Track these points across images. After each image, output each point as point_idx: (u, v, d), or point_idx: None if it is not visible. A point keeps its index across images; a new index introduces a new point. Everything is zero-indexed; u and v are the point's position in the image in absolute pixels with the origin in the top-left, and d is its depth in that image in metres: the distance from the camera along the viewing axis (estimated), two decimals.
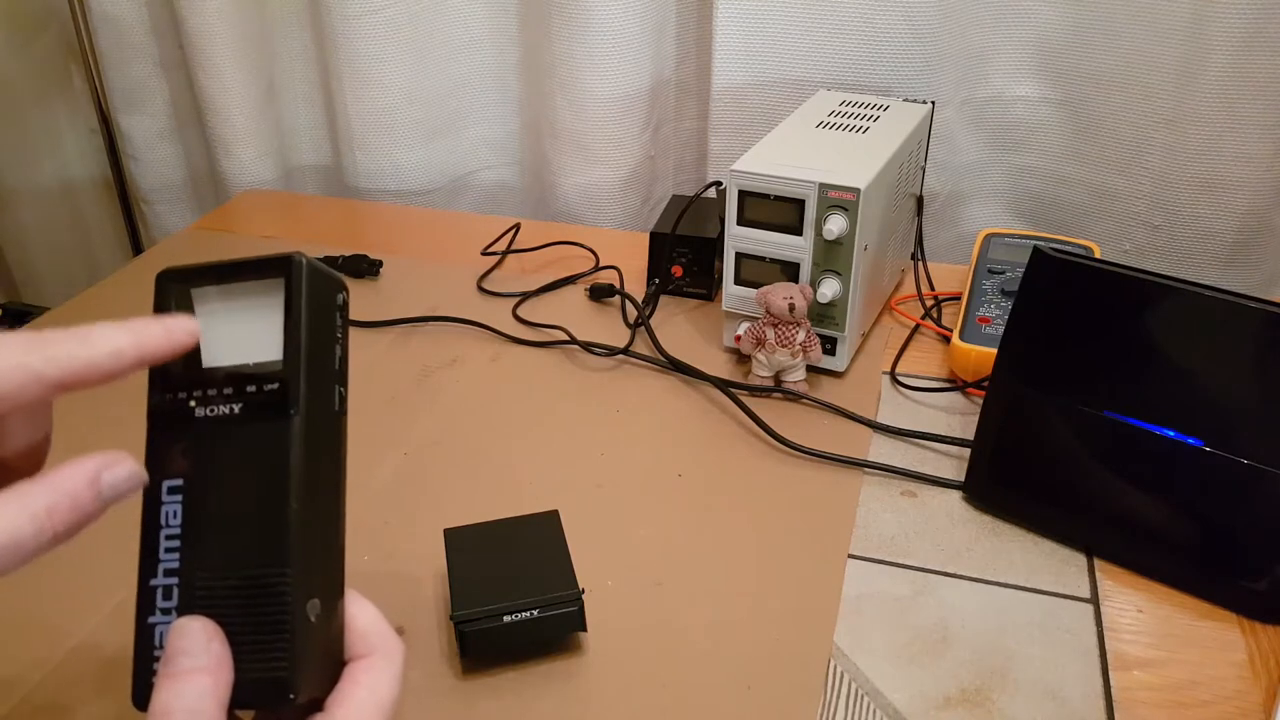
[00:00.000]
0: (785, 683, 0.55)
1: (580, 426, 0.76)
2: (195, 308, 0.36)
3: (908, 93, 0.98)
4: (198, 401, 0.36)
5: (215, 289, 0.36)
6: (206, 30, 1.11)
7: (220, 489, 0.35)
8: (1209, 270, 0.97)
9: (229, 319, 0.36)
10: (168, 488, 0.35)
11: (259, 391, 0.35)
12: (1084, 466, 0.63)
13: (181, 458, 0.35)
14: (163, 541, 0.35)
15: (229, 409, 0.35)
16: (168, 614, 0.34)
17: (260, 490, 0.35)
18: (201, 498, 0.35)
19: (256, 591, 0.34)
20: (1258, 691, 0.54)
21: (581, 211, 1.13)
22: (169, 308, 0.37)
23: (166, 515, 0.35)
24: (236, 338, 0.36)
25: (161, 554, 0.35)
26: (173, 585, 0.35)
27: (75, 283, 1.07)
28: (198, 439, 0.35)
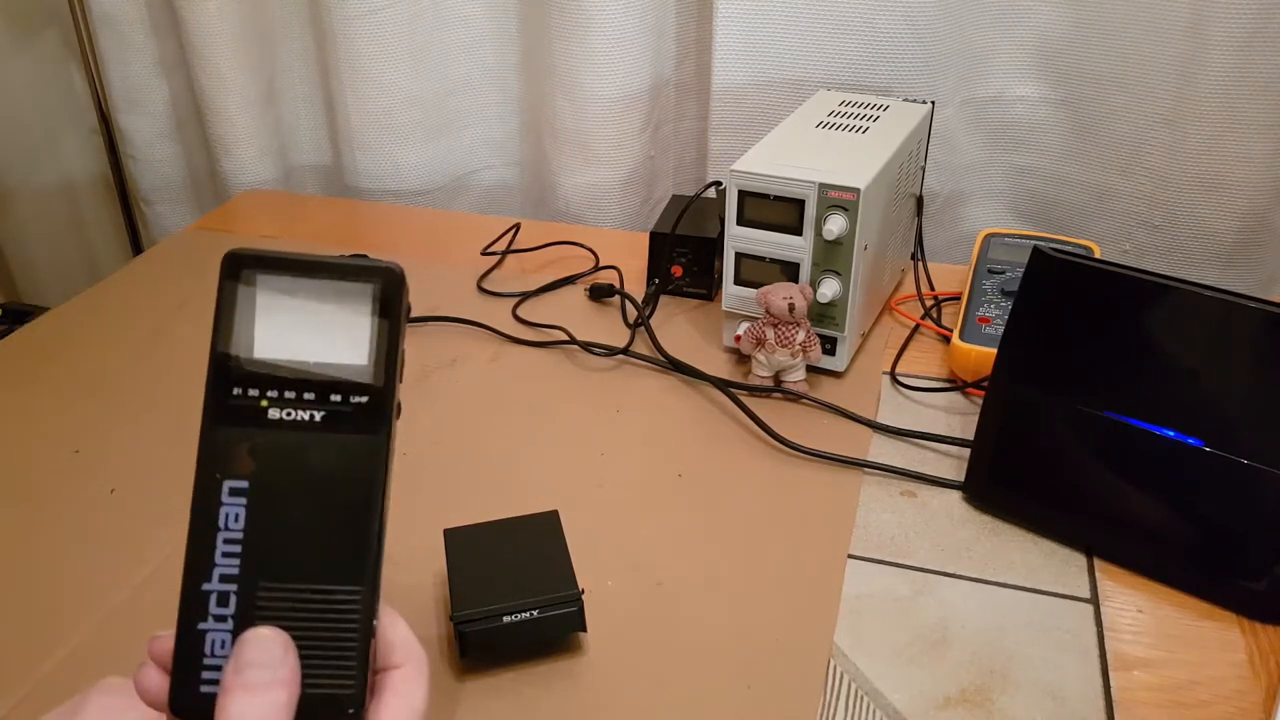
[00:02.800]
0: (785, 683, 0.55)
1: (580, 426, 0.76)
2: (258, 294, 0.34)
3: (908, 93, 0.98)
4: (271, 402, 0.34)
5: (287, 280, 0.34)
6: (206, 30, 1.11)
7: (293, 498, 0.34)
8: (1209, 270, 0.97)
9: (299, 315, 0.34)
10: (230, 488, 0.33)
11: (345, 403, 0.34)
12: (1084, 466, 0.63)
13: (249, 458, 0.33)
14: (220, 544, 0.33)
15: (308, 415, 0.34)
16: (222, 621, 0.33)
17: (340, 505, 0.34)
18: (270, 503, 0.34)
19: (327, 608, 0.33)
20: (1258, 691, 0.54)
21: (581, 211, 1.13)
22: (234, 287, 0.34)
23: (227, 517, 0.33)
24: (316, 339, 0.34)
25: (218, 557, 0.33)
26: (229, 592, 0.33)
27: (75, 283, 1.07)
28: (269, 441, 0.34)
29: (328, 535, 0.33)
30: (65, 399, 0.80)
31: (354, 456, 0.34)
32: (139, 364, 0.85)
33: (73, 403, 0.80)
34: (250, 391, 0.34)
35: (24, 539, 0.66)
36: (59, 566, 0.64)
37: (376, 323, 0.34)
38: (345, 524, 0.34)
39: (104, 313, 0.93)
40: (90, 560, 0.64)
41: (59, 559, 0.64)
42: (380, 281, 0.34)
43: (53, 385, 0.82)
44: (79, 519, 0.67)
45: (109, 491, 0.70)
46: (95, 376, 0.83)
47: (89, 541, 0.65)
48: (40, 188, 1.32)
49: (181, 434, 0.74)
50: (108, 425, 0.77)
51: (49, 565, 0.64)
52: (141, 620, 0.59)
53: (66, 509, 0.68)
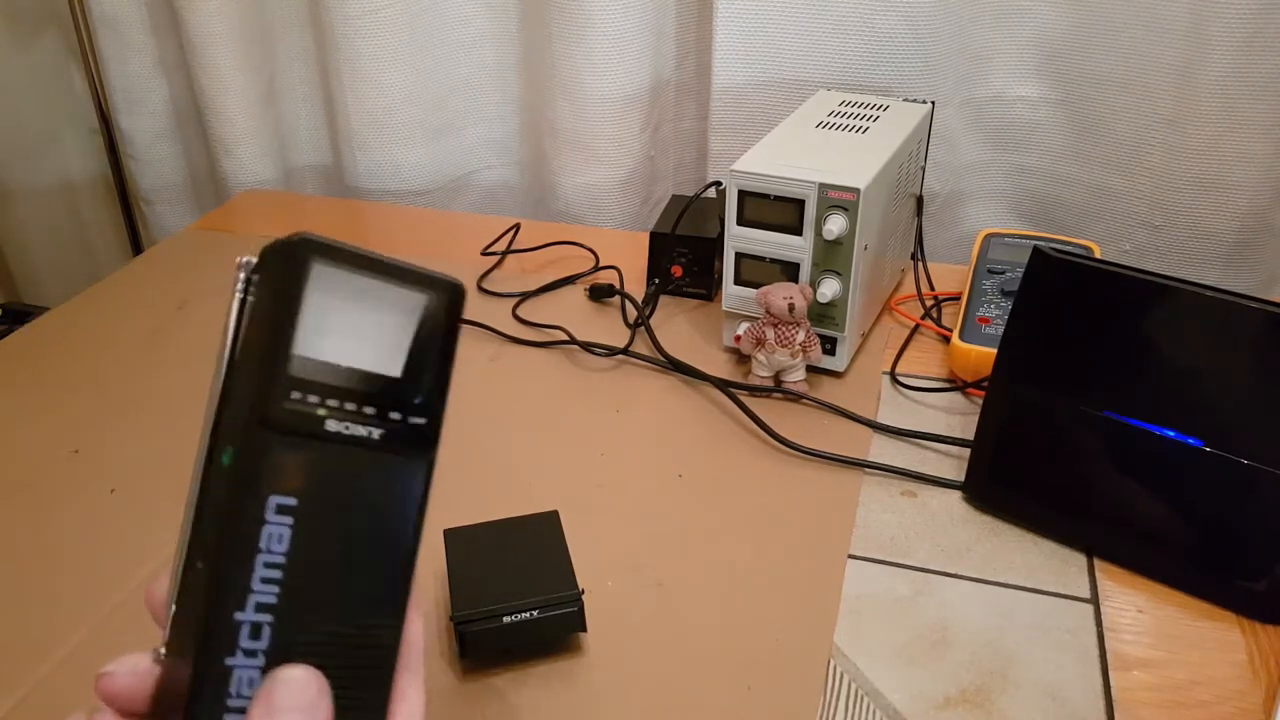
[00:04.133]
0: (785, 683, 0.55)
1: (580, 426, 0.76)
2: (332, 291, 0.30)
3: (908, 93, 0.98)
4: (331, 412, 0.30)
5: (345, 274, 0.30)
6: (206, 30, 1.11)
7: (341, 521, 0.31)
8: (1209, 270, 0.97)
9: (368, 321, 0.31)
10: (276, 505, 0.29)
11: (403, 422, 0.31)
12: (1084, 466, 0.63)
13: (300, 474, 0.30)
14: (259, 569, 0.29)
15: (367, 432, 0.31)
16: (252, 656, 0.29)
17: (385, 532, 0.31)
18: (318, 527, 0.30)
19: (362, 643, 0.31)
20: (1258, 691, 0.54)
21: (581, 211, 1.13)
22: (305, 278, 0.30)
23: (269, 538, 0.29)
24: (372, 345, 0.31)
25: (256, 583, 0.29)
26: (264, 624, 0.29)
27: (75, 283, 1.07)
28: (324, 456, 0.30)
29: (371, 563, 0.31)
30: (65, 399, 0.80)
31: (404, 480, 0.32)
32: (139, 364, 0.85)
33: (73, 403, 0.80)
34: (310, 398, 0.30)
35: (24, 539, 0.66)
36: (59, 566, 0.64)
37: (443, 341, 0.33)
38: (389, 552, 0.31)
39: (104, 313, 0.93)
40: (90, 560, 0.64)
41: (59, 559, 0.64)
42: (448, 295, 0.32)
43: (53, 385, 0.82)
44: (79, 519, 0.67)
45: (109, 491, 0.70)
46: (95, 376, 0.83)
47: (89, 541, 0.65)
48: (40, 188, 1.32)
49: (182, 434, 0.74)
50: (107, 425, 0.77)
51: (49, 565, 0.64)
52: (141, 620, 0.59)
53: (66, 509, 0.68)
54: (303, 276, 0.29)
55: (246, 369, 0.30)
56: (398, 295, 0.31)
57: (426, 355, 0.32)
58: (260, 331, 0.30)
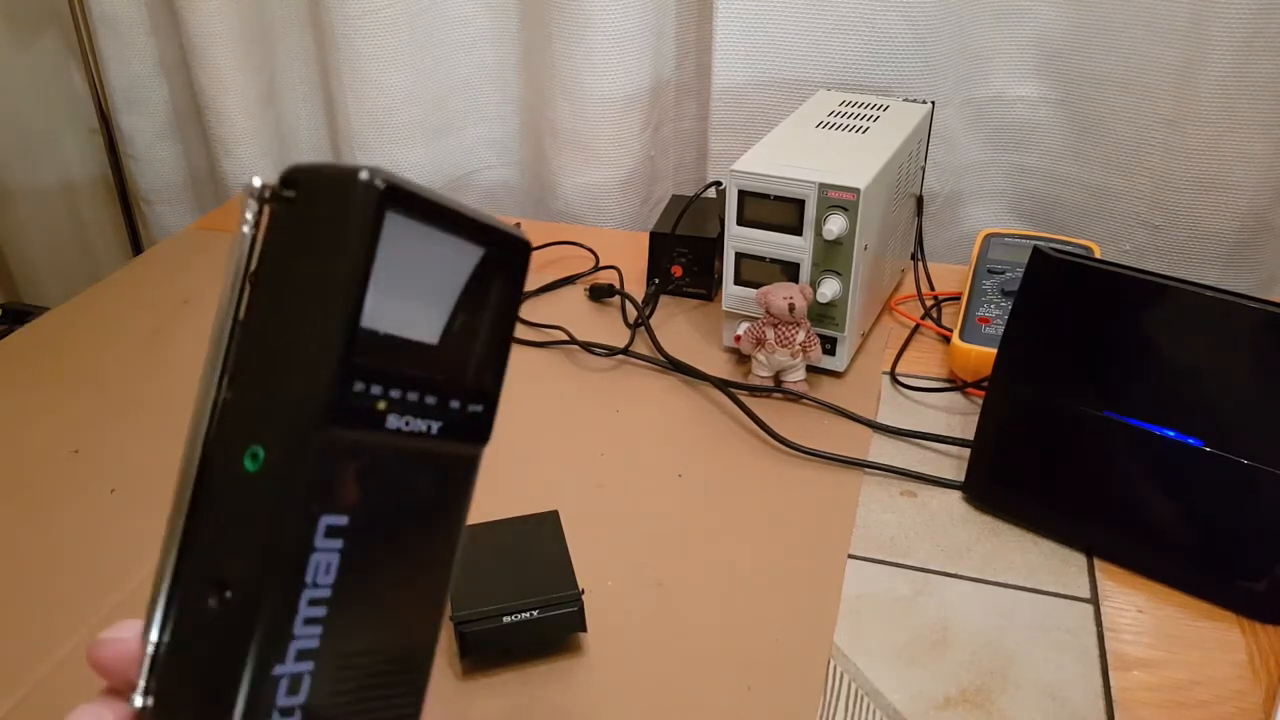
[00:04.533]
0: (785, 683, 0.55)
1: (580, 426, 0.76)
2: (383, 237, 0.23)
3: (908, 93, 0.98)
4: (391, 405, 0.24)
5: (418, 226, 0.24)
6: (206, 30, 1.10)
7: (390, 537, 0.25)
8: (1209, 270, 0.97)
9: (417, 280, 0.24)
10: (327, 527, 0.23)
11: (462, 411, 0.26)
12: (1084, 466, 0.63)
13: (355, 485, 0.24)
14: (303, 608, 0.23)
15: (427, 426, 0.25)
16: (289, 716, 0.23)
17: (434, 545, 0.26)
18: (368, 547, 0.24)
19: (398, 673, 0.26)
20: (1258, 691, 0.54)
21: (581, 211, 1.13)
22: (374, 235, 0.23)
23: (317, 568, 0.23)
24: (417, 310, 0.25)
25: (299, 626, 0.23)
26: (304, 674, 0.23)
27: (75, 283, 1.07)
28: (380, 460, 0.24)
29: (415, 584, 0.26)
30: (65, 399, 0.80)
31: (456, 482, 0.27)
32: (139, 364, 0.85)
33: (73, 403, 0.80)
34: (374, 389, 0.23)
35: (24, 539, 0.66)
36: (58, 566, 0.64)
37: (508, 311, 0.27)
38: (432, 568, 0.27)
39: (104, 313, 0.93)
40: (90, 560, 0.64)
41: (59, 559, 0.64)
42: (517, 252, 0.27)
43: (53, 385, 0.82)
44: (79, 519, 0.67)
45: (109, 491, 0.70)
46: (95, 376, 0.83)
47: (89, 541, 0.65)
48: (40, 188, 1.32)
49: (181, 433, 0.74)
50: (107, 425, 0.77)
51: (48, 565, 0.64)
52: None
53: (66, 509, 0.68)
54: (378, 229, 0.23)
55: (287, 346, 0.23)
56: (468, 253, 0.25)
57: (490, 328, 0.26)
58: (312, 296, 0.23)
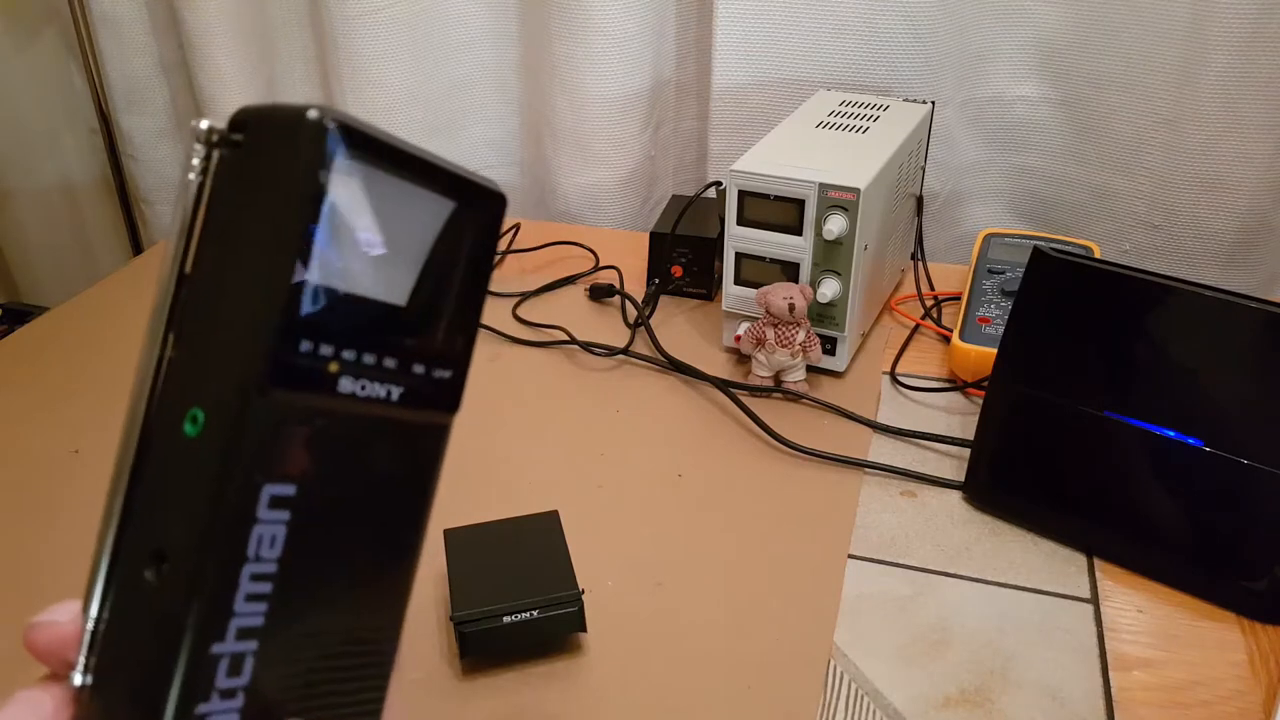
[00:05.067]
0: (785, 683, 0.55)
1: (580, 426, 0.76)
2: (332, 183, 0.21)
3: (908, 93, 0.98)
4: (344, 368, 0.22)
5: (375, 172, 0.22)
6: (206, 30, 1.10)
7: (344, 509, 0.23)
8: (1209, 270, 0.97)
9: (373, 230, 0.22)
10: (270, 497, 0.22)
11: (427, 376, 0.24)
12: (1084, 467, 0.63)
13: (303, 452, 0.22)
14: (244, 584, 0.22)
15: (386, 391, 0.23)
16: (230, 698, 0.22)
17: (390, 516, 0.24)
18: (318, 519, 0.23)
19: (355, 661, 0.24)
20: (1258, 691, 0.54)
21: (581, 211, 1.13)
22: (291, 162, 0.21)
23: (260, 541, 0.22)
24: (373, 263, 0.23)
25: (239, 603, 0.22)
26: (246, 654, 0.22)
27: (75, 283, 1.07)
28: (331, 427, 0.22)
29: (374, 560, 0.24)
30: (65, 399, 0.80)
31: (417, 449, 0.25)
32: None
33: (73, 403, 0.80)
34: (323, 349, 0.22)
35: (24, 539, 0.66)
36: (59, 566, 0.64)
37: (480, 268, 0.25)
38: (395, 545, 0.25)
39: (104, 313, 0.93)
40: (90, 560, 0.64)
41: (59, 559, 0.64)
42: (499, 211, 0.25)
43: (53, 385, 0.82)
44: (79, 519, 0.67)
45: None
46: (95, 376, 0.83)
47: (89, 541, 0.65)
48: (40, 188, 1.32)
49: None
50: (108, 425, 0.77)
51: (48, 565, 0.64)
52: None
53: (66, 509, 0.68)
54: (325, 172, 0.21)
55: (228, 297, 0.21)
56: (432, 204, 0.23)
57: (459, 287, 0.25)
58: (253, 246, 0.21)
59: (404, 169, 0.23)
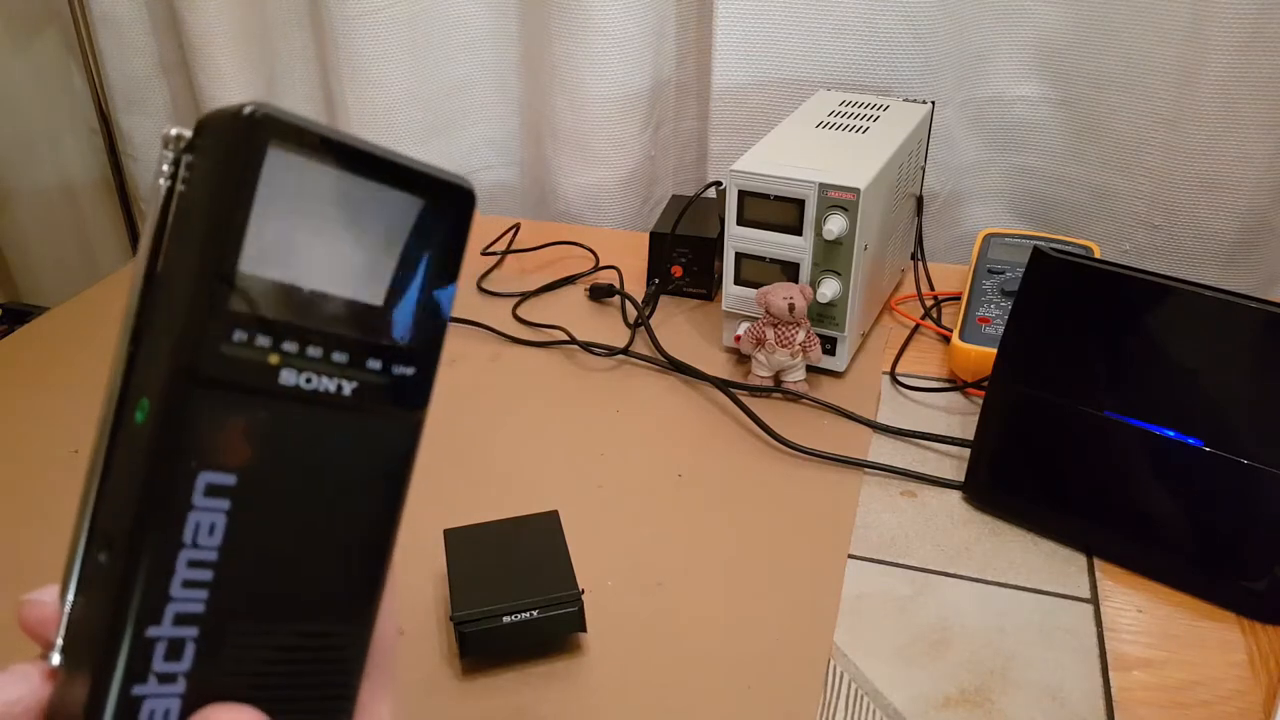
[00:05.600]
0: (785, 683, 0.55)
1: (580, 426, 0.76)
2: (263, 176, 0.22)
3: (908, 93, 0.98)
4: (287, 359, 0.22)
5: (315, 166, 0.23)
6: (206, 30, 1.10)
7: (294, 503, 0.24)
8: (1209, 270, 0.97)
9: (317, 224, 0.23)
10: (207, 485, 0.22)
11: (385, 372, 0.24)
12: (1084, 466, 0.63)
13: (242, 442, 0.22)
14: (181, 569, 0.22)
15: (336, 385, 0.23)
16: (169, 682, 0.22)
17: (350, 519, 0.24)
18: (263, 510, 0.23)
19: (312, 657, 0.24)
20: (1258, 691, 0.54)
21: (581, 211, 1.13)
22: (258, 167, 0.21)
23: (197, 529, 0.22)
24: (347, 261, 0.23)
25: (176, 588, 0.22)
26: (186, 640, 0.22)
27: (75, 283, 1.07)
28: (274, 418, 0.23)
29: (331, 555, 0.24)
30: (65, 399, 0.80)
31: (380, 448, 0.25)
32: None
33: (73, 403, 0.80)
34: (259, 339, 0.22)
35: (24, 539, 0.66)
36: (59, 566, 0.63)
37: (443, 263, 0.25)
38: (355, 545, 0.25)
39: (104, 313, 0.93)
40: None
41: (59, 559, 0.64)
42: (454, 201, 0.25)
43: (53, 385, 0.82)
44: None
45: None
46: (95, 376, 0.83)
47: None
48: (40, 188, 1.32)
49: None
50: None
51: (49, 565, 0.64)
52: None
53: (66, 509, 0.68)
54: (256, 165, 0.21)
55: (171, 290, 0.22)
56: (385, 198, 0.23)
57: (420, 282, 0.24)
58: (192, 240, 0.22)
59: (351, 163, 0.23)
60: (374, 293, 0.24)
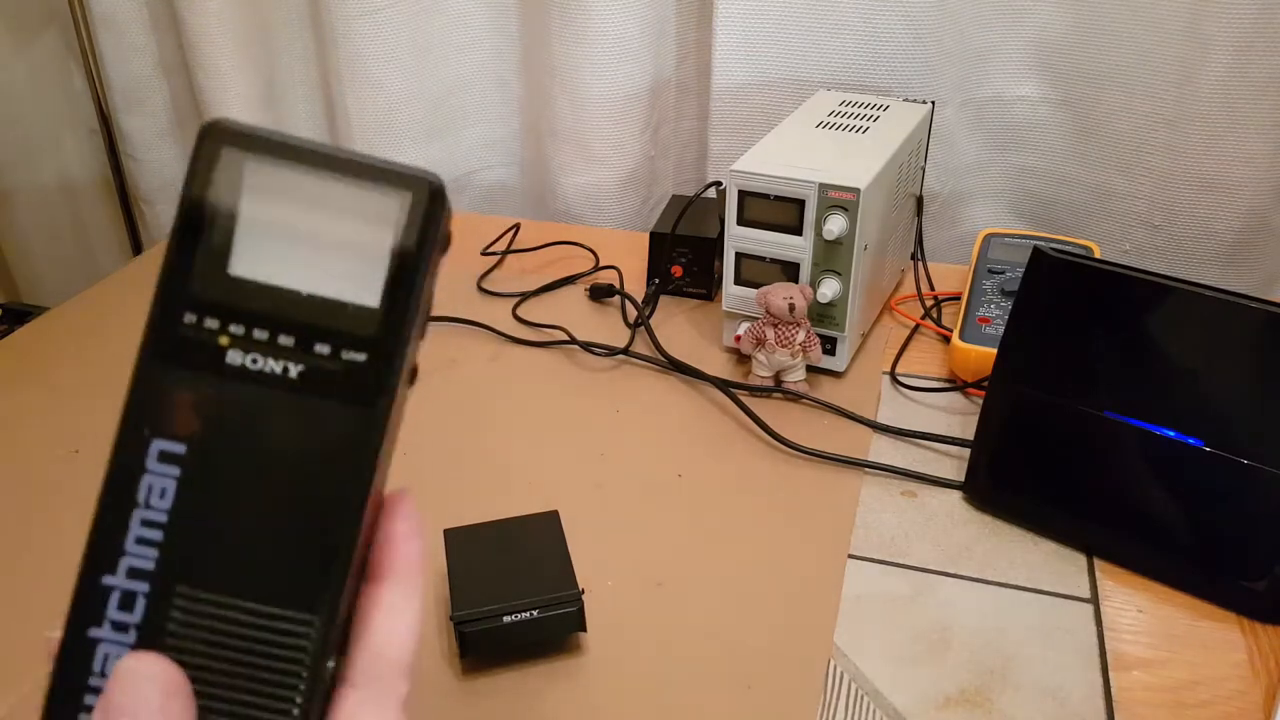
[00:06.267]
0: (785, 683, 0.55)
1: (580, 426, 0.76)
2: (244, 184, 0.25)
3: (908, 93, 0.98)
4: (234, 341, 0.25)
5: (286, 172, 0.25)
6: (206, 30, 1.10)
7: (245, 478, 0.25)
8: (1209, 270, 0.97)
9: (293, 225, 0.25)
10: (160, 451, 0.25)
11: (334, 357, 0.25)
12: (1084, 466, 0.63)
13: (192, 414, 0.25)
14: (134, 526, 0.25)
15: (280, 367, 0.25)
16: (122, 631, 0.25)
17: (308, 500, 0.25)
18: (212, 480, 0.25)
19: (265, 637, 0.25)
20: (1258, 691, 0.54)
21: (581, 211, 1.13)
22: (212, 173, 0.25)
23: (149, 490, 0.25)
24: (297, 256, 0.25)
25: (129, 543, 0.25)
26: (137, 593, 0.25)
27: (75, 283, 1.07)
28: (224, 394, 0.25)
29: (284, 537, 0.25)
30: (65, 399, 0.80)
31: (336, 435, 0.25)
32: None
33: (73, 403, 0.80)
34: (208, 322, 0.25)
35: (24, 539, 0.66)
36: (59, 567, 0.64)
37: (398, 251, 0.25)
38: (311, 527, 0.25)
39: (104, 313, 0.93)
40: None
41: (59, 559, 0.64)
42: (412, 195, 0.25)
43: (53, 385, 0.82)
44: (79, 519, 0.67)
45: None
46: (95, 376, 0.83)
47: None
48: (40, 188, 1.32)
49: None
50: (108, 425, 0.77)
51: (49, 565, 0.64)
52: None
53: (66, 509, 0.68)
54: (210, 169, 0.25)
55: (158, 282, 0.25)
56: (343, 194, 0.25)
57: (372, 272, 0.25)
58: (169, 240, 0.25)
59: (299, 160, 0.25)
60: (326, 283, 0.25)
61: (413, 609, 0.27)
